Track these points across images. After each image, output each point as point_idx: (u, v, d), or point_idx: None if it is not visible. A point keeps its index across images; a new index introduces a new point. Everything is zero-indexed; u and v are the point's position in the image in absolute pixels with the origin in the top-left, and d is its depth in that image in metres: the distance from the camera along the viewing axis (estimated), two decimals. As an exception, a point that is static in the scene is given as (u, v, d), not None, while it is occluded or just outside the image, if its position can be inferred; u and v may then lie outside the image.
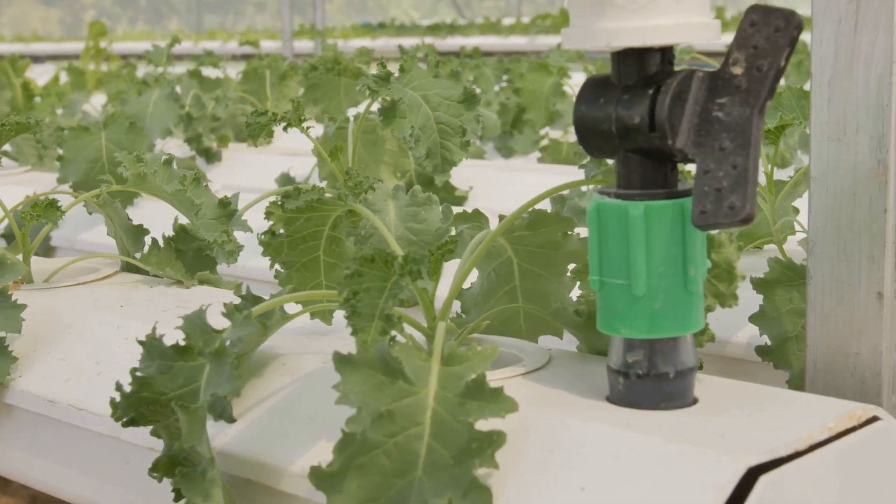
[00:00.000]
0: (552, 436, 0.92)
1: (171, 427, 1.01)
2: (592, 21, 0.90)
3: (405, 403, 0.91)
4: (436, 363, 0.94)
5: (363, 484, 0.89)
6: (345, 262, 1.17)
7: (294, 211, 1.12)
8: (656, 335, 0.93)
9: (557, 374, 1.04)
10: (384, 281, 0.98)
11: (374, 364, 0.92)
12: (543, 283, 1.20)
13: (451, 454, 0.89)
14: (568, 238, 1.18)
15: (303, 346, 1.14)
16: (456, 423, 0.90)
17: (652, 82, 0.91)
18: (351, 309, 0.95)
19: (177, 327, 1.01)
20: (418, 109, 1.63)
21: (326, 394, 1.05)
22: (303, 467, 0.99)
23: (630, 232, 0.91)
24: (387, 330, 0.95)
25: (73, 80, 3.99)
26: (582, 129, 0.94)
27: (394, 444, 0.90)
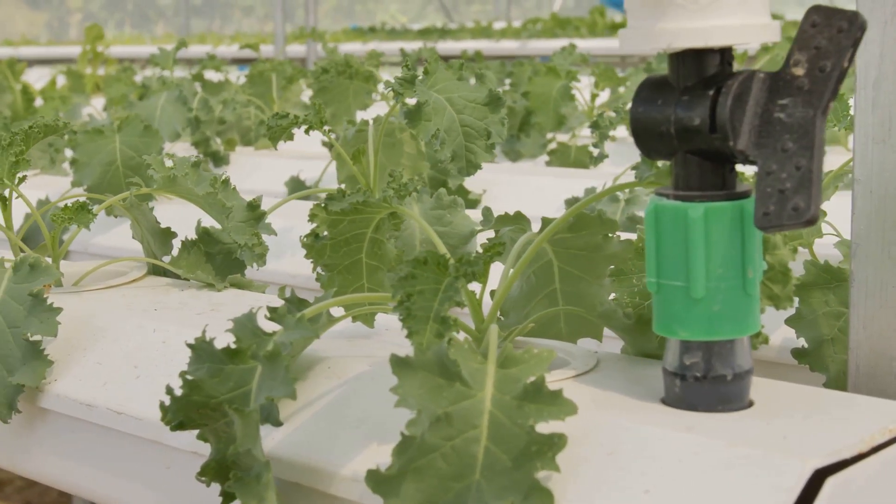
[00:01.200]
0: (611, 439, 0.91)
1: (219, 431, 1.00)
2: (653, 22, 0.90)
3: (462, 406, 0.91)
4: (491, 366, 0.93)
5: (420, 487, 0.89)
6: (386, 264, 1.17)
7: (338, 213, 1.11)
8: (714, 337, 0.93)
9: (607, 376, 1.04)
10: (437, 283, 0.98)
11: (431, 367, 0.91)
12: (584, 286, 1.19)
13: (509, 457, 0.88)
14: (609, 240, 1.17)
15: (346, 350, 1.14)
16: (514, 426, 0.89)
17: (712, 83, 0.90)
18: (406, 311, 0.95)
19: (227, 330, 1.00)
20: (443, 112, 1.63)
21: (374, 397, 1.04)
22: (355, 471, 0.98)
23: (689, 234, 0.91)
24: (442, 332, 0.95)
25: (71, 84, 3.97)
26: (639, 131, 0.94)
27: (451, 447, 0.89)
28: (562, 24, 9.21)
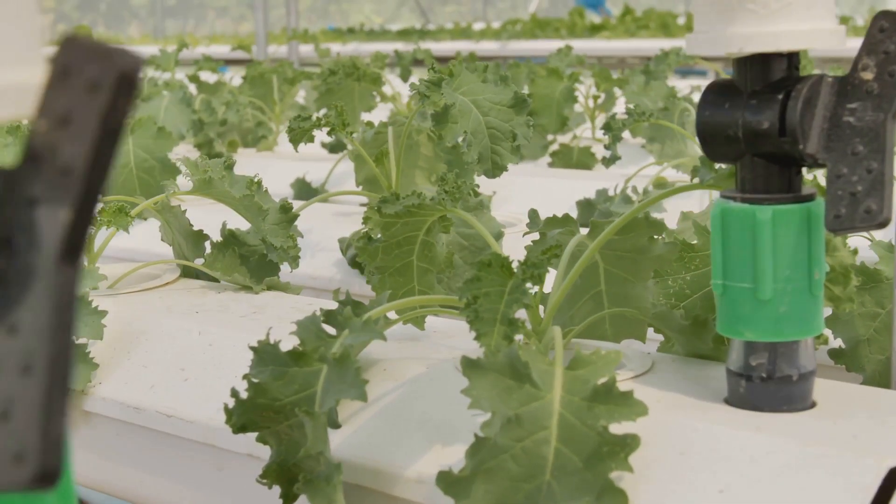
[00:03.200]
0: (681, 439, 0.92)
1: (281, 433, 1.01)
2: (723, 26, 0.91)
3: (532, 408, 0.91)
4: (559, 367, 0.94)
5: (491, 488, 0.90)
6: (436, 266, 1.18)
7: (392, 216, 1.12)
8: (781, 338, 0.94)
9: (665, 377, 1.05)
10: (502, 285, 0.98)
11: (501, 368, 0.92)
12: (629, 287, 1.20)
13: (580, 458, 0.89)
14: (654, 242, 1.18)
15: (399, 352, 1.14)
16: (584, 427, 0.90)
17: (781, 87, 0.91)
18: (473, 314, 0.96)
19: (291, 333, 1.00)
20: (469, 114, 1.63)
21: (433, 399, 1.05)
22: (419, 473, 0.98)
23: (757, 236, 0.92)
24: (510, 334, 0.96)
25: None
26: (705, 134, 0.95)
27: (521, 448, 0.90)
28: (541, 25, 9.23)
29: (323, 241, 1.86)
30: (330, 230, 1.89)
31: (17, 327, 0.45)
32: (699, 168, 1.03)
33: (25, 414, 0.44)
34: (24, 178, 0.46)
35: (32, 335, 0.45)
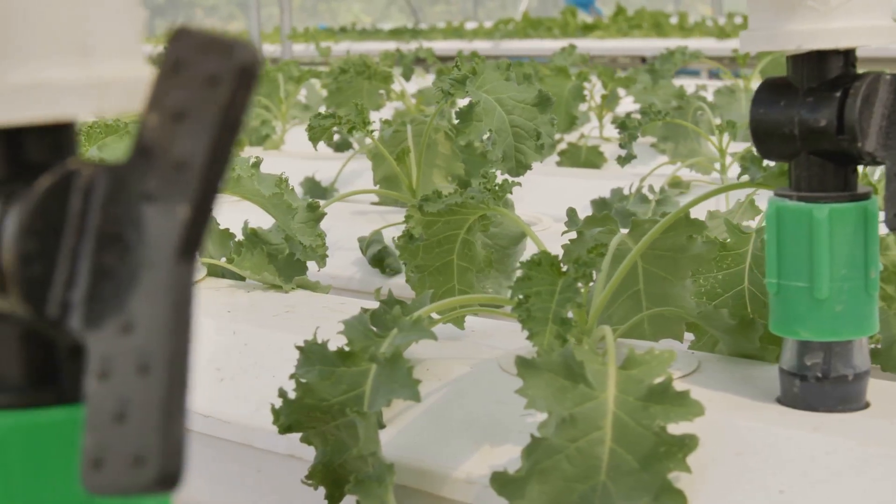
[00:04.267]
0: (737, 439, 0.91)
1: (327, 434, 1.00)
2: (781, 24, 0.90)
3: (587, 408, 0.91)
4: (612, 367, 0.93)
5: (545, 489, 0.89)
6: (476, 266, 1.17)
7: (433, 214, 1.11)
8: (837, 338, 0.93)
9: (713, 377, 1.04)
10: (552, 284, 0.97)
11: (556, 368, 0.91)
12: (668, 287, 1.20)
13: (635, 458, 0.88)
14: (693, 241, 1.17)
15: (439, 352, 1.13)
16: (639, 427, 0.89)
17: (837, 85, 0.91)
18: (525, 313, 0.95)
19: (339, 332, 0.99)
20: (493, 112, 1.63)
21: (479, 399, 1.04)
22: (468, 473, 0.98)
23: (814, 234, 0.91)
24: (562, 333, 0.95)
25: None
26: (759, 132, 0.94)
27: (576, 448, 0.89)
28: (534, 24, 9.23)
29: (341, 240, 1.85)
30: (348, 229, 1.87)
31: (131, 326, 0.44)
32: (749, 166, 1.03)
33: (144, 415, 0.43)
34: (135, 173, 0.45)
35: (149, 334, 0.44)
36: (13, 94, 0.45)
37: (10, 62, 0.45)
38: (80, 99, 0.46)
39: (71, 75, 0.46)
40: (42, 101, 0.45)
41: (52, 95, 0.45)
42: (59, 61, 0.46)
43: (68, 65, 0.46)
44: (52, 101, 0.45)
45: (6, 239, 0.46)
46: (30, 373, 0.49)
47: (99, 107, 0.46)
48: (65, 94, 0.46)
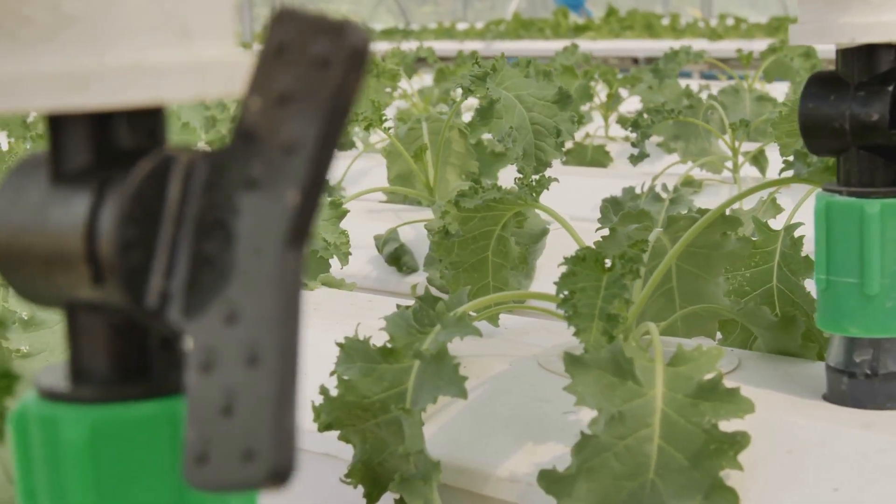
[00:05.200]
0: (787, 437, 0.90)
1: (366, 432, 0.98)
2: (834, 17, 0.89)
3: (635, 405, 0.89)
4: (659, 363, 0.92)
5: (593, 487, 0.88)
6: (510, 262, 1.15)
7: (470, 210, 1.09)
8: (888, 334, 0.92)
9: (756, 374, 1.03)
10: (597, 280, 0.96)
11: (604, 365, 0.90)
12: (701, 284, 1.19)
13: (685, 456, 0.87)
14: (727, 239, 1.17)
15: (474, 349, 1.12)
16: (688, 425, 0.88)
17: (889, 79, 0.90)
18: (572, 309, 0.93)
19: (381, 329, 0.98)
20: (513, 110, 1.62)
21: (519, 397, 1.03)
22: (511, 471, 0.96)
23: (865, 230, 0.90)
24: (609, 330, 0.94)
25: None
26: (808, 127, 0.93)
27: (624, 446, 0.88)
28: (525, 25, 9.23)
29: (357, 238, 1.83)
30: (363, 227, 1.86)
31: (236, 316, 0.43)
32: (793, 161, 1.02)
33: (254, 408, 0.42)
34: (238, 158, 0.44)
35: (258, 324, 0.42)
36: (111, 76, 0.43)
37: (109, 43, 0.44)
38: (180, 82, 0.45)
39: (171, 57, 0.45)
40: (142, 83, 0.44)
41: (152, 78, 0.44)
42: (158, 43, 0.45)
43: (168, 47, 0.45)
44: (152, 83, 0.44)
45: (104, 227, 0.44)
46: (119, 365, 0.47)
47: (198, 90, 0.45)
48: (165, 76, 0.44)
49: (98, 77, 0.43)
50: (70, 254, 0.45)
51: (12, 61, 0.44)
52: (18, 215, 0.47)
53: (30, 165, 0.48)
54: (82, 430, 0.46)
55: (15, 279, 0.48)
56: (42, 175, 0.47)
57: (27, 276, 0.48)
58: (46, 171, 0.47)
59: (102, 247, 0.44)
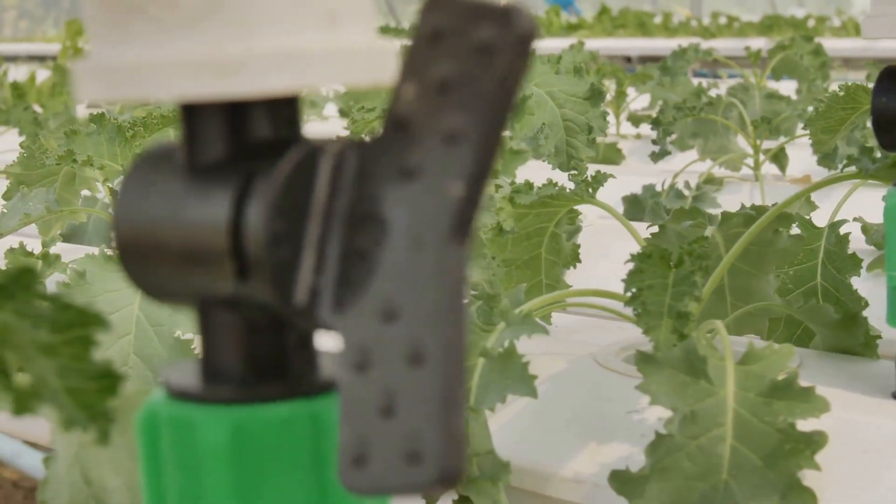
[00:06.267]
0: (861, 437, 0.89)
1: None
2: (911, 9, 0.88)
3: (707, 404, 0.88)
4: (730, 362, 0.91)
5: (665, 487, 0.86)
6: (562, 259, 1.14)
7: (525, 207, 1.08)
8: (962, 332, 0.91)
9: (820, 373, 1.02)
10: (664, 277, 0.95)
11: (676, 363, 0.88)
12: (752, 281, 1.17)
13: (759, 456, 0.86)
14: (779, 235, 1.15)
15: (531, 347, 1.10)
16: (761, 424, 0.87)
17: (965, 72, 0.89)
18: (641, 306, 0.92)
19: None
20: (545, 106, 1.60)
21: (577, 396, 1.01)
22: (575, 472, 0.95)
23: (939, 226, 0.89)
24: (679, 328, 0.92)
25: (59, 80, 3.87)
26: (881, 121, 0.92)
27: (696, 446, 0.87)
28: (518, 24, 9.20)
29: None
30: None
31: (395, 313, 0.41)
32: (858, 157, 1.00)
33: (419, 408, 0.40)
34: (391, 148, 0.42)
35: (420, 321, 0.41)
36: (259, 62, 0.42)
37: (256, 28, 0.42)
38: (329, 68, 0.43)
39: (318, 43, 0.43)
40: (290, 69, 0.42)
41: (301, 64, 0.42)
42: (305, 28, 0.43)
43: (315, 32, 0.43)
44: (301, 70, 0.42)
45: (251, 220, 0.42)
46: (257, 364, 0.46)
47: (347, 77, 0.43)
48: (313, 63, 0.42)
49: (246, 63, 0.42)
50: (212, 248, 0.43)
51: (156, 46, 0.42)
52: (149, 210, 0.45)
53: (157, 158, 0.47)
54: (222, 432, 0.44)
55: (143, 275, 0.47)
56: (173, 167, 0.46)
57: (158, 273, 0.46)
58: (179, 163, 0.45)
59: (249, 241, 0.42)
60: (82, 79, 0.44)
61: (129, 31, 0.43)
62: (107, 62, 0.43)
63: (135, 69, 0.42)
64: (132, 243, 0.46)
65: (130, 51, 0.43)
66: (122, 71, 0.43)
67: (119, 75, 0.43)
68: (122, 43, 0.43)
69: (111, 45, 0.43)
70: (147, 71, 0.42)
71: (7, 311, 0.59)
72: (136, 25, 0.43)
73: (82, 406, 0.57)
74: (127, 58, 0.43)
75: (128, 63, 0.42)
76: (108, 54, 0.43)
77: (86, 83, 0.44)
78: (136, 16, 0.42)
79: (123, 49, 0.43)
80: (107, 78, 0.43)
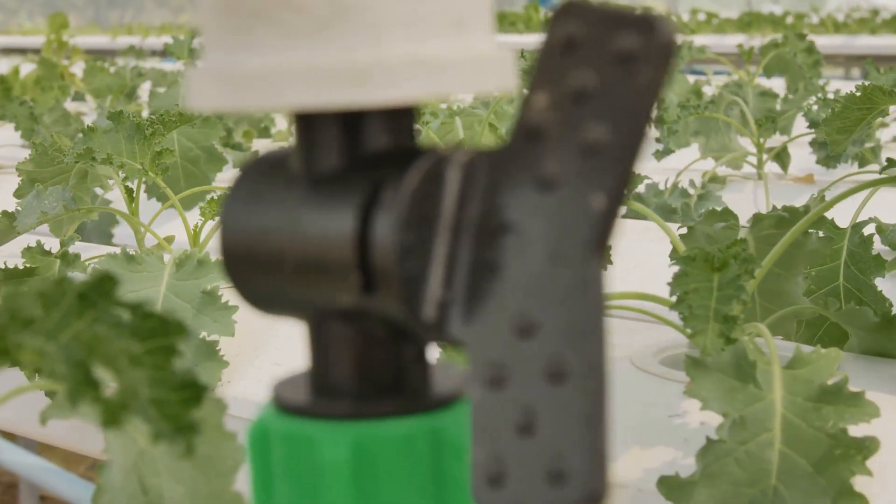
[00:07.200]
0: (910, 441, 0.89)
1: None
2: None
3: (755, 409, 0.88)
4: (776, 366, 0.90)
5: (713, 493, 0.86)
6: (595, 261, 1.13)
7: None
8: None
9: (859, 376, 1.01)
10: (709, 281, 0.94)
11: (725, 368, 0.88)
12: (782, 283, 1.17)
13: (808, 461, 0.85)
14: (808, 237, 1.15)
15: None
16: (811, 430, 0.86)
17: None
18: (687, 310, 0.91)
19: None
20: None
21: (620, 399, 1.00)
22: (619, 477, 0.94)
23: None
24: (726, 332, 0.92)
25: (46, 74, 3.84)
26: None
27: (745, 451, 0.86)
28: (498, 18, 9.21)
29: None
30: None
31: (533, 328, 0.40)
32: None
33: (561, 426, 0.39)
34: (524, 158, 0.41)
35: (560, 337, 0.39)
36: (392, 69, 0.41)
37: (387, 34, 0.41)
38: (460, 76, 0.42)
39: (449, 50, 0.42)
40: (423, 77, 0.41)
41: (433, 71, 0.41)
42: (435, 34, 0.42)
43: (445, 38, 0.42)
44: (433, 77, 0.41)
45: (379, 232, 0.41)
46: (373, 379, 0.45)
47: (477, 85, 0.42)
48: (445, 70, 0.41)
49: (377, 70, 0.40)
50: (335, 260, 0.42)
51: (282, 52, 0.41)
52: (262, 219, 0.44)
53: (267, 166, 0.46)
54: (343, 449, 0.43)
55: (251, 286, 0.45)
56: (287, 176, 0.44)
57: (269, 284, 0.45)
58: (294, 172, 0.44)
59: (377, 253, 0.41)
60: (200, 85, 0.43)
61: (252, 36, 0.41)
62: (228, 68, 0.42)
63: (259, 76, 0.41)
64: (241, 253, 0.45)
65: (255, 57, 0.41)
66: (245, 78, 0.41)
67: (241, 82, 0.41)
68: (246, 49, 0.42)
69: (233, 50, 0.42)
70: (272, 78, 0.41)
71: (87, 320, 0.57)
72: (260, 31, 0.41)
73: (167, 417, 0.56)
74: (251, 64, 0.41)
75: (251, 70, 0.41)
76: (229, 60, 0.42)
77: (204, 89, 0.43)
78: (261, 21, 0.41)
79: (247, 55, 0.42)
80: (228, 85, 0.42)
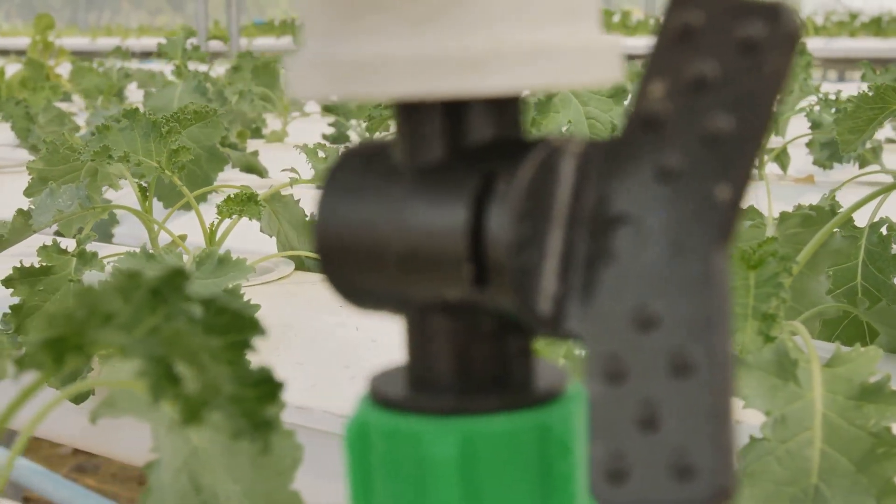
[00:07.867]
0: (950, 439, 0.88)
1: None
2: None
3: (796, 407, 0.87)
4: (816, 364, 0.90)
5: (754, 492, 0.86)
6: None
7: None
8: None
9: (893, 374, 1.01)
10: (745, 278, 0.94)
11: (767, 366, 0.88)
12: (805, 281, 1.17)
13: (850, 460, 0.85)
14: (833, 236, 1.15)
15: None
16: (852, 428, 0.86)
17: None
18: (727, 308, 0.91)
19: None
20: (569, 103, 1.59)
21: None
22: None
23: None
24: (764, 330, 0.91)
25: (33, 75, 3.81)
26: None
27: (785, 450, 0.86)
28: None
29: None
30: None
31: (654, 320, 0.39)
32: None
33: (687, 421, 0.38)
34: (641, 148, 0.40)
35: (685, 330, 0.39)
36: (510, 58, 0.40)
37: (503, 22, 0.40)
38: (573, 65, 0.41)
39: (562, 39, 0.41)
40: (540, 66, 0.40)
41: (550, 61, 0.40)
42: (550, 22, 0.41)
43: (559, 26, 0.41)
44: (550, 66, 0.40)
45: (494, 224, 0.40)
46: (478, 374, 0.44)
47: (587, 74, 0.41)
48: (561, 59, 0.41)
49: (493, 57, 0.40)
50: (446, 253, 0.41)
51: (395, 40, 0.40)
52: (363, 213, 0.43)
53: (364, 158, 0.45)
54: (451, 446, 0.42)
55: (350, 281, 0.45)
56: (387, 168, 0.44)
57: (370, 278, 0.44)
58: (395, 163, 0.43)
59: (491, 246, 0.40)
60: (304, 73, 0.42)
61: (362, 23, 0.41)
62: (334, 56, 0.41)
63: (370, 64, 0.40)
64: (339, 248, 0.44)
65: (365, 44, 0.40)
66: (354, 66, 0.40)
67: (349, 70, 0.41)
68: (354, 36, 0.41)
69: (340, 38, 0.41)
70: (383, 66, 0.40)
71: (160, 316, 0.57)
72: (370, 18, 0.40)
73: (244, 414, 0.55)
74: (361, 52, 0.40)
75: (361, 58, 0.40)
76: (335, 48, 0.41)
77: (308, 78, 0.42)
78: (371, 8, 0.40)
79: (356, 43, 0.41)
80: (334, 73, 0.41)
